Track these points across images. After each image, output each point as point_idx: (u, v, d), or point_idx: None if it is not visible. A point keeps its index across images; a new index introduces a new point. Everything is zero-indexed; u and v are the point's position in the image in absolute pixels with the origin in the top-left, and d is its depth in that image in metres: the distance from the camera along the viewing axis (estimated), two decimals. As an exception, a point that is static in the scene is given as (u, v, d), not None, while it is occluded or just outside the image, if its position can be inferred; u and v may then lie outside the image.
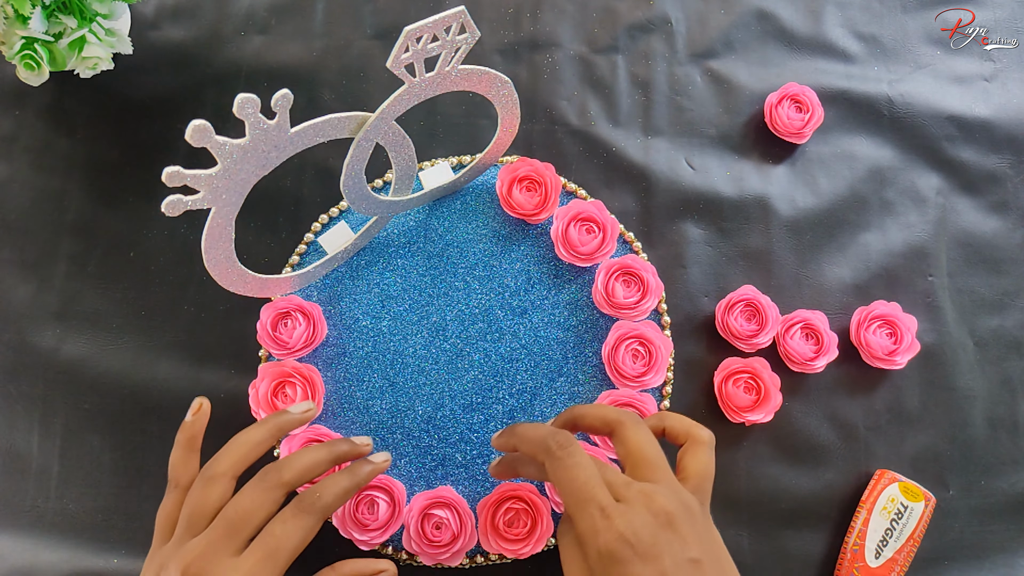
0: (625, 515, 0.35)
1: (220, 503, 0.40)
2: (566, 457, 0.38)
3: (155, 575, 0.39)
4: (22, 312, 0.56)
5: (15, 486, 0.53)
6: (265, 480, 0.40)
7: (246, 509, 0.39)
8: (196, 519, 0.40)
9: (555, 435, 0.39)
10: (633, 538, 0.34)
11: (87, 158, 0.59)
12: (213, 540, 0.39)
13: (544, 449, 0.39)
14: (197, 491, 0.41)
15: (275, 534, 0.39)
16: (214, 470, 0.41)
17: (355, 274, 0.56)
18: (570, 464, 0.37)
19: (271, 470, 0.41)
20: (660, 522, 0.35)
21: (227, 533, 0.39)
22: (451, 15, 0.40)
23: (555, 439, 0.39)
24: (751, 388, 0.54)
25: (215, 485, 0.41)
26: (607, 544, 0.34)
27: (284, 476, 0.41)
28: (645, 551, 0.34)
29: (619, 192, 0.59)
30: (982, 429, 0.56)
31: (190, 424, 0.44)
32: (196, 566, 0.38)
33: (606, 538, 0.35)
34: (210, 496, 0.40)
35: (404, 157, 0.49)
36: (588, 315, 0.55)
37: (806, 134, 0.60)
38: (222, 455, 0.42)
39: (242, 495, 0.40)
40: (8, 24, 0.51)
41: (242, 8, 0.62)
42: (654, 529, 0.35)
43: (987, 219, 0.60)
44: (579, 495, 0.36)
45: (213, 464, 0.41)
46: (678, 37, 0.63)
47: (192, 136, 0.36)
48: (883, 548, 0.52)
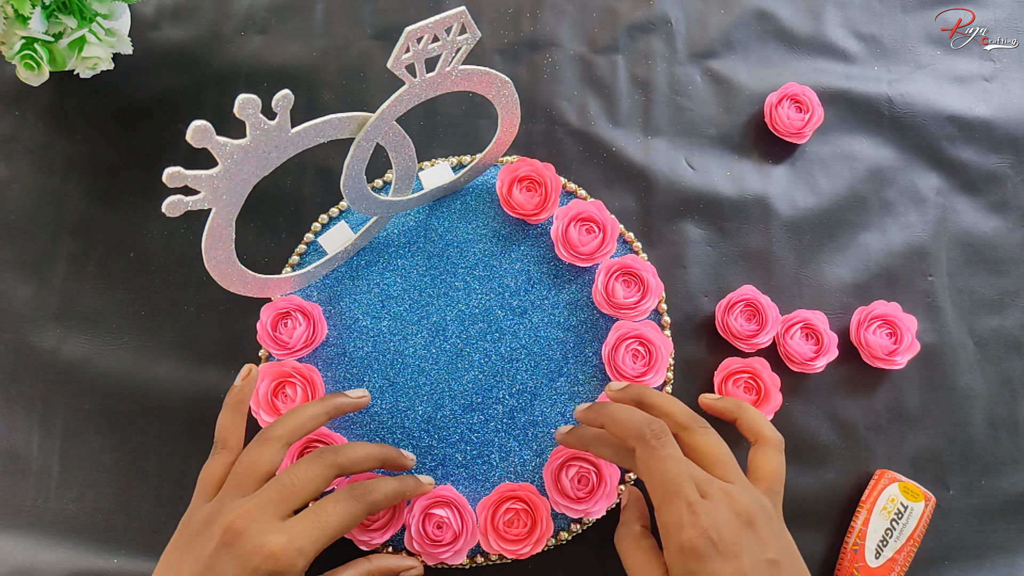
0: (710, 512, 0.36)
1: (272, 467, 0.42)
2: (660, 448, 0.39)
3: (201, 526, 0.40)
4: (22, 312, 0.56)
5: (15, 486, 0.53)
6: (322, 457, 0.42)
7: (300, 479, 0.41)
8: (246, 478, 0.41)
9: (651, 423, 0.40)
10: (716, 535, 0.36)
11: (87, 158, 0.59)
12: (263, 501, 0.40)
13: (638, 436, 0.39)
14: (252, 451, 0.42)
15: (326, 509, 0.41)
16: (271, 433, 0.43)
17: (355, 274, 0.56)
18: (663, 455, 0.38)
19: (327, 451, 0.43)
20: (742, 522, 0.37)
21: (279, 497, 0.40)
22: (452, 15, 0.40)
23: (651, 427, 0.40)
24: (751, 388, 0.54)
25: (269, 447, 0.42)
26: (691, 539, 0.35)
27: (339, 459, 0.43)
28: (727, 549, 0.35)
29: (619, 192, 0.59)
30: (982, 429, 0.56)
31: (239, 388, 0.46)
32: (241, 522, 0.39)
33: (690, 534, 0.36)
34: (263, 457, 0.42)
35: (404, 157, 0.49)
36: (588, 315, 0.55)
37: (806, 134, 0.60)
38: (279, 422, 0.44)
39: (298, 466, 0.42)
40: (8, 24, 0.51)
41: (242, 8, 0.62)
42: (736, 528, 0.36)
43: (987, 219, 0.60)
44: (670, 487, 0.37)
45: (270, 429, 0.43)
46: (678, 37, 0.63)
47: (193, 137, 0.36)
48: (883, 548, 0.52)
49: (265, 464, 0.42)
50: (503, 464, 0.52)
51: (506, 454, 0.53)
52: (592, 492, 0.49)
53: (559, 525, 0.51)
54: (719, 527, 0.36)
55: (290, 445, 0.43)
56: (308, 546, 0.39)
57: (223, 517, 0.39)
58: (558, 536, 0.51)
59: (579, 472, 0.50)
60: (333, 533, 0.40)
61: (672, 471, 0.38)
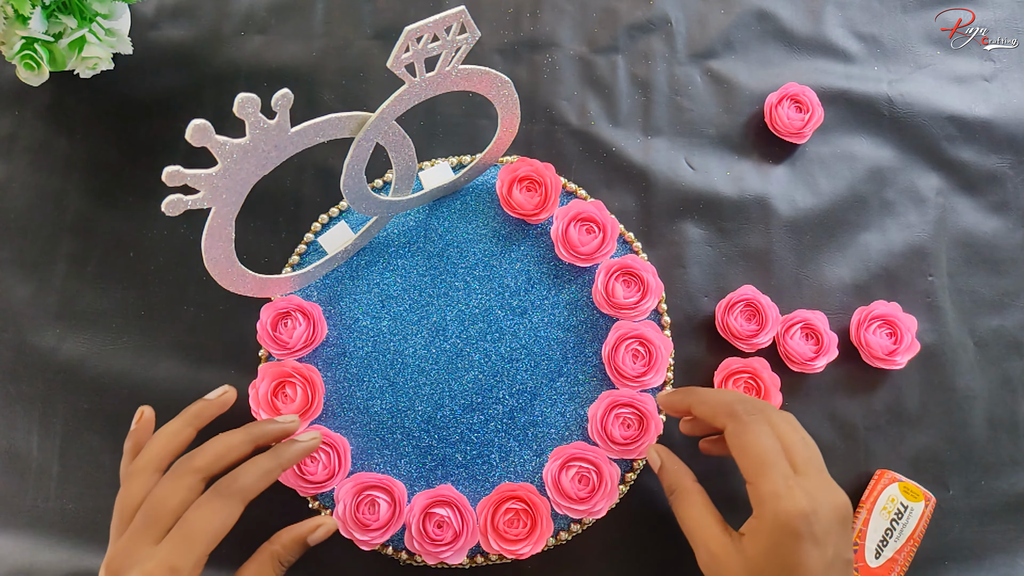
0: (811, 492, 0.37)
1: (183, 504, 0.40)
2: (753, 422, 0.39)
3: None
4: (22, 312, 0.56)
5: (15, 486, 0.53)
6: (178, 468, 0.41)
7: (162, 497, 0.40)
8: (124, 516, 0.40)
9: (743, 400, 0.41)
10: (814, 517, 0.36)
11: (86, 158, 0.59)
12: (133, 533, 0.39)
13: (730, 412, 0.40)
14: (121, 491, 0.41)
15: (189, 520, 0.39)
16: (132, 467, 0.42)
17: (355, 274, 0.56)
18: (757, 430, 0.39)
19: (184, 458, 0.41)
20: (838, 515, 0.37)
21: (147, 523, 0.39)
22: (451, 15, 0.40)
23: (743, 404, 0.41)
24: (751, 388, 0.54)
25: (134, 480, 0.41)
26: (788, 512, 0.36)
27: (196, 462, 0.41)
28: (821, 535, 0.36)
29: (619, 192, 0.59)
30: (982, 429, 0.56)
31: (134, 432, 0.46)
32: (117, 561, 0.38)
33: (788, 505, 0.36)
34: (131, 492, 0.41)
35: (404, 157, 0.49)
36: (588, 315, 0.55)
37: (806, 134, 0.60)
38: (198, 452, 0.42)
39: (158, 486, 0.40)
40: (8, 24, 0.51)
41: (242, 8, 0.62)
42: (832, 517, 0.37)
43: (987, 219, 0.60)
44: (764, 458, 0.38)
45: (188, 459, 0.42)
46: (678, 37, 0.63)
47: (192, 136, 0.36)
48: (883, 548, 0.52)
49: (136, 498, 0.40)
50: (503, 464, 0.52)
51: (506, 454, 0.53)
52: (592, 492, 0.49)
53: (559, 525, 0.51)
54: (818, 509, 0.36)
55: (160, 471, 0.41)
56: (180, 561, 0.38)
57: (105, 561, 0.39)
58: (558, 536, 0.51)
59: (579, 472, 0.50)
60: (209, 539, 0.39)
61: (766, 444, 0.38)
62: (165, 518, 0.39)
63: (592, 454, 0.50)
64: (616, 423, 0.51)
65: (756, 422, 0.39)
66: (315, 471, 0.50)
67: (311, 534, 0.45)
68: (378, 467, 0.52)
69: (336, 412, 0.53)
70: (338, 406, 0.53)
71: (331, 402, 0.53)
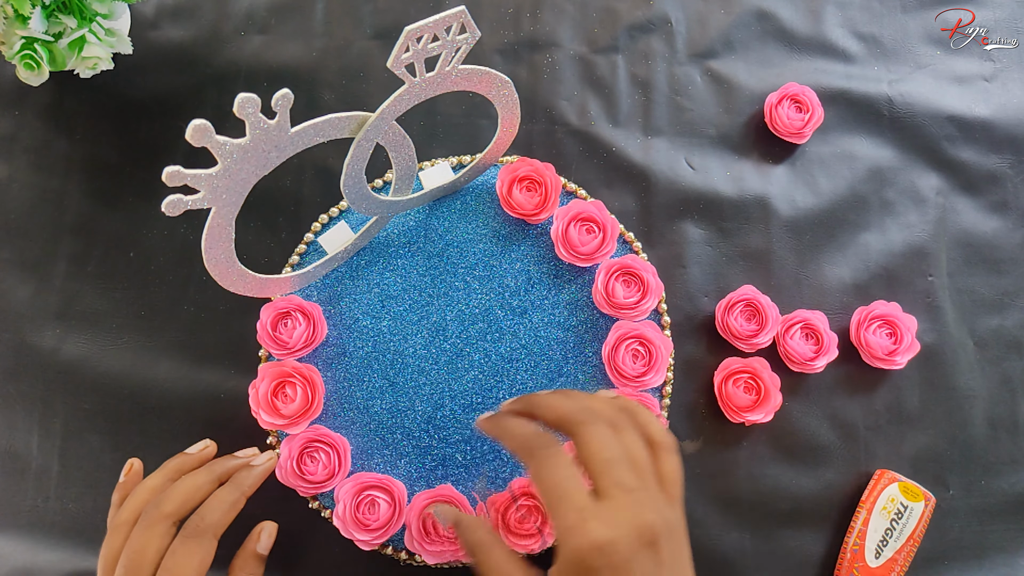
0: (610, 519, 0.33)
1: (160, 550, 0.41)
2: (546, 457, 0.36)
3: None
4: (22, 312, 0.56)
5: (15, 486, 0.53)
6: (147, 517, 0.41)
7: (136, 550, 0.40)
8: (107, 569, 0.41)
9: (538, 436, 0.37)
10: (610, 548, 0.32)
11: (87, 158, 0.59)
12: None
13: (527, 451, 0.37)
14: (104, 543, 0.42)
15: (169, 567, 0.40)
16: (115, 520, 0.42)
17: (355, 274, 0.56)
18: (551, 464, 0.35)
19: (152, 505, 0.42)
20: (644, 539, 0.33)
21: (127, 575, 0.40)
22: (451, 15, 0.40)
23: (538, 440, 0.37)
24: (751, 388, 0.54)
25: (116, 534, 0.42)
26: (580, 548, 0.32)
27: (164, 508, 0.41)
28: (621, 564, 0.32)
29: (619, 192, 0.59)
30: (982, 429, 0.56)
31: (122, 485, 0.46)
32: None
33: (579, 541, 0.33)
34: (113, 545, 0.41)
35: (404, 157, 0.49)
36: (588, 315, 0.55)
37: (806, 134, 0.60)
38: (165, 498, 0.42)
39: (132, 537, 0.41)
40: (8, 24, 0.51)
41: (242, 8, 0.62)
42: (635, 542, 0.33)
43: (987, 219, 0.60)
44: (555, 492, 0.34)
45: (156, 506, 0.42)
46: (678, 37, 0.63)
47: (192, 136, 0.36)
48: (883, 548, 0.52)
49: (115, 551, 0.41)
50: (503, 464, 0.52)
51: (506, 454, 0.53)
52: None
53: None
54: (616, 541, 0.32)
55: (179, 521, 0.42)
56: None
57: None
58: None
59: None
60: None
61: (559, 475, 0.35)
62: (145, 568, 0.40)
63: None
64: (616, 423, 0.51)
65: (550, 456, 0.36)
66: (315, 471, 0.50)
67: (257, 543, 0.45)
68: (378, 467, 0.52)
69: (336, 412, 0.53)
70: (338, 406, 0.53)
71: (331, 402, 0.53)
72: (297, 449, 0.50)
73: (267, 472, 0.47)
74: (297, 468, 0.50)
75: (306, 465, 0.50)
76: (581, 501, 0.34)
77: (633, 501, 0.34)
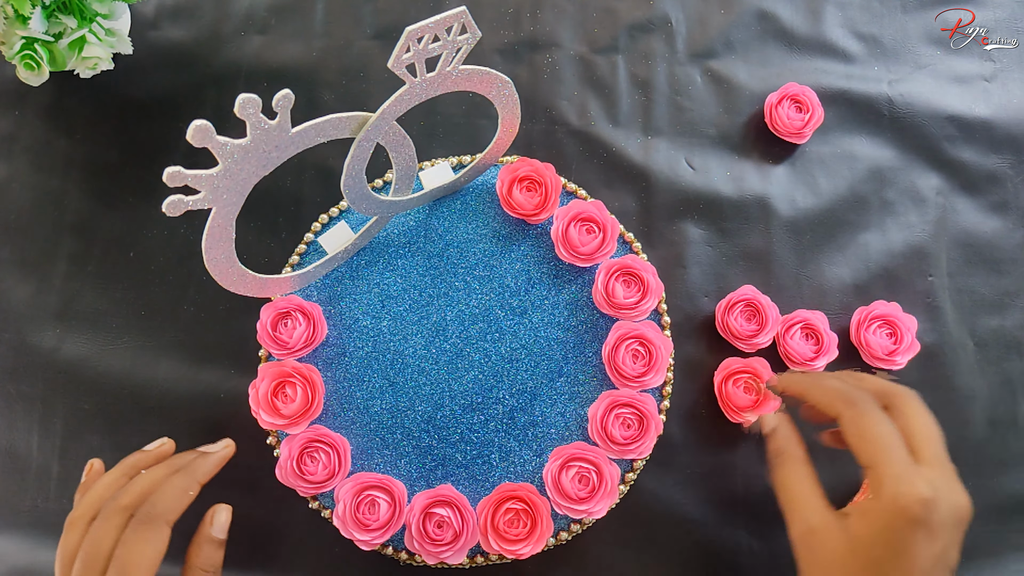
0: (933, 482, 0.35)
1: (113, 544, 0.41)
2: (869, 411, 0.38)
3: None
4: (22, 312, 0.56)
5: (15, 486, 0.53)
6: (106, 510, 0.41)
7: (93, 542, 0.40)
8: (64, 566, 0.41)
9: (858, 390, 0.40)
10: (934, 506, 0.34)
11: (87, 158, 0.59)
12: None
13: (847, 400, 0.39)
14: (60, 541, 0.42)
15: (120, 556, 0.40)
16: (69, 518, 0.42)
17: (355, 274, 0.56)
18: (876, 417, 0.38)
19: (111, 499, 0.42)
20: (956, 514, 0.35)
21: (83, 570, 0.40)
22: (452, 15, 0.40)
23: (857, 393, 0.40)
24: (751, 388, 0.54)
25: (71, 531, 0.42)
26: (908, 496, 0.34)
27: (122, 501, 0.41)
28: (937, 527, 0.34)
29: (619, 192, 0.59)
30: (982, 429, 0.56)
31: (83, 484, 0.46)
32: None
33: (908, 489, 0.35)
34: (69, 541, 0.41)
35: (404, 157, 0.49)
36: (588, 315, 0.55)
37: (806, 134, 0.60)
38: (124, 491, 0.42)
39: (90, 531, 0.41)
40: (8, 24, 0.51)
41: (242, 8, 0.62)
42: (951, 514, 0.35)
43: (987, 219, 0.60)
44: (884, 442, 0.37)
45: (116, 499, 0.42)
46: (678, 37, 0.63)
47: (193, 136, 0.36)
48: (883, 548, 0.52)
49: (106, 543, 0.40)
50: (503, 464, 0.52)
51: (506, 454, 0.53)
52: (592, 492, 0.49)
53: (559, 525, 0.51)
54: (939, 503, 0.34)
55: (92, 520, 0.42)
56: None
57: None
58: (558, 536, 0.51)
59: (579, 472, 0.50)
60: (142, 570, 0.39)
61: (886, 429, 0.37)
62: (100, 561, 0.40)
63: (592, 454, 0.50)
64: (616, 423, 0.51)
65: (872, 410, 0.38)
66: (315, 471, 0.50)
67: (210, 527, 0.44)
68: (378, 467, 0.52)
69: (336, 412, 0.53)
70: (338, 406, 0.53)
71: (331, 402, 0.53)
72: (297, 449, 0.50)
73: (223, 460, 0.46)
74: (297, 468, 0.50)
75: (306, 465, 0.50)
76: (907, 457, 0.36)
77: (949, 477, 0.37)
